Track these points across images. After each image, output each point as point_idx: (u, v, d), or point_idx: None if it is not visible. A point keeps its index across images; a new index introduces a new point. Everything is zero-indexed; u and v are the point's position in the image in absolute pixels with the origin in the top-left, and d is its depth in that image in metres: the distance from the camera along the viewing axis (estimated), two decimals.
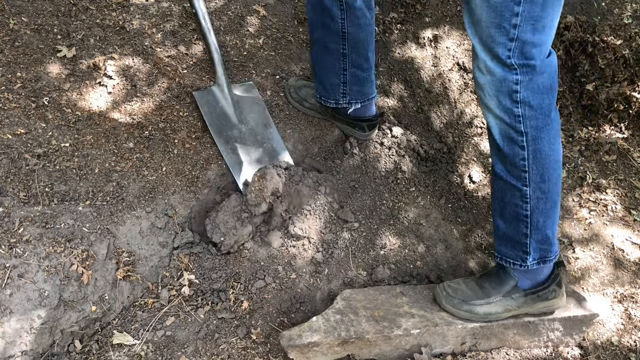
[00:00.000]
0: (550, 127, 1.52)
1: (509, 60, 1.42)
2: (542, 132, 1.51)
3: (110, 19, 2.00)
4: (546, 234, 1.62)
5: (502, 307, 1.69)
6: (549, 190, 1.58)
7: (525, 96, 1.47)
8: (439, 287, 1.72)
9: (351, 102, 1.96)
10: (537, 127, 1.50)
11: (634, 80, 2.51)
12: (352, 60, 1.86)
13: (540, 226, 1.60)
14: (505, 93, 1.48)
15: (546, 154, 1.53)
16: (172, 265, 1.70)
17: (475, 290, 1.70)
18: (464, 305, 1.67)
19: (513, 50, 1.41)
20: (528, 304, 1.71)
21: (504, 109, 1.50)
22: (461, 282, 1.74)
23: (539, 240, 1.62)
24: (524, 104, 1.48)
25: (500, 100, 1.50)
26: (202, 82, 1.98)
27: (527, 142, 1.52)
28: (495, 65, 1.45)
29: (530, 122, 1.50)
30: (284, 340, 1.51)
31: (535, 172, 1.55)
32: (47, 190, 1.60)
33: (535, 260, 1.64)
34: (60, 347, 1.49)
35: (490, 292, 1.69)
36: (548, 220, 1.61)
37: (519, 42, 1.40)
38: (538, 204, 1.58)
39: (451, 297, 1.68)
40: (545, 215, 1.60)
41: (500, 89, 1.48)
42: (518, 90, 1.46)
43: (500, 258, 1.69)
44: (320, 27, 1.82)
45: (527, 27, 1.38)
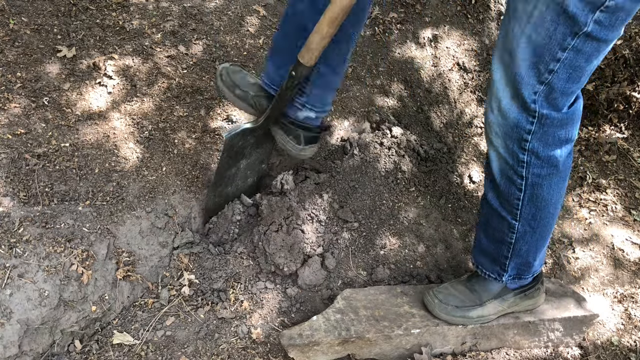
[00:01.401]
0: (554, 176, 1.45)
1: (532, 105, 1.32)
2: (544, 180, 1.45)
3: (110, 19, 2.00)
4: (527, 260, 1.61)
5: (494, 309, 1.69)
6: (539, 227, 1.54)
7: (535, 147, 1.38)
8: (429, 296, 1.68)
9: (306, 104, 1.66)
10: (540, 175, 1.44)
11: (634, 80, 2.51)
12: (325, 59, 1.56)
13: (523, 253, 1.58)
14: (515, 139, 1.39)
15: (544, 198, 1.48)
16: (172, 265, 1.70)
17: (466, 294, 1.68)
18: (458, 312, 1.65)
19: (539, 94, 1.31)
20: (516, 302, 1.72)
21: (509, 152, 1.43)
22: (449, 287, 1.70)
23: (518, 263, 1.61)
24: (532, 153, 1.39)
25: (507, 143, 1.41)
26: (202, 82, 1.97)
27: (526, 187, 1.45)
28: (511, 106, 1.35)
29: (534, 169, 1.42)
30: (284, 340, 1.51)
31: (527, 212, 1.50)
32: (47, 190, 1.60)
33: (510, 277, 1.64)
34: (60, 347, 1.49)
35: (482, 295, 1.68)
36: (532, 249, 1.58)
37: (548, 87, 1.29)
38: (524, 236, 1.55)
39: (444, 305, 1.65)
40: (529, 245, 1.57)
41: (510, 134, 1.39)
42: (528, 140, 1.37)
43: (476, 266, 1.69)
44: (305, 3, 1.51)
45: (563, 75, 1.27)
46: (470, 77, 2.55)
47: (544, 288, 1.77)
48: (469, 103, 2.52)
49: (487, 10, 2.68)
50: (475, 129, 2.46)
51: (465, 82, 2.54)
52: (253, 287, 1.71)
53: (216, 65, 1.96)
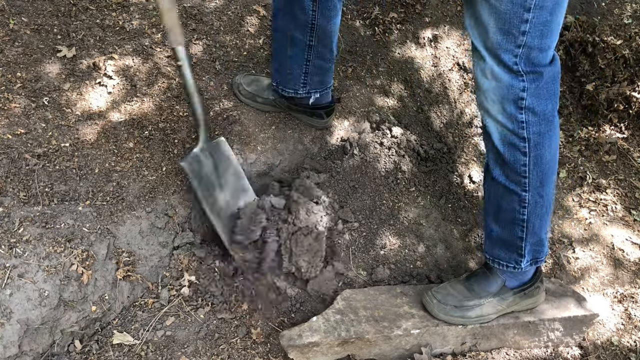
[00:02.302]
0: (552, 133, 1.51)
1: (516, 67, 1.39)
2: (544, 138, 1.49)
3: (110, 19, 2.00)
4: (540, 237, 1.63)
5: (493, 309, 1.69)
6: (547, 194, 1.57)
7: (530, 103, 1.44)
8: (428, 296, 1.68)
9: (310, 92, 1.89)
10: (540, 133, 1.48)
11: (634, 80, 2.51)
12: (317, 52, 1.79)
13: (536, 229, 1.61)
14: (511, 100, 1.44)
15: (546, 159, 1.52)
16: (172, 265, 1.70)
17: (464, 293, 1.68)
18: (457, 311, 1.66)
19: (520, 57, 1.37)
20: (516, 302, 1.72)
21: (507, 115, 1.47)
22: (448, 286, 1.71)
23: (533, 242, 1.63)
24: (529, 111, 1.45)
25: (504, 106, 1.46)
26: (202, 82, 1.97)
27: (529, 149, 1.49)
28: (501, 71, 1.41)
29: (533, 128, 1.47)
30: (284, 340, 1.51)
31: (535, 178, 1.53)
32: (47, 190, 1.60)
33: (528, 262, 1.65)
34: (60, 347, 1.49)
35: (481, 294, 1.68)
36: (543, 222, 1.61)
37: (526, 49, 1.36)
38: (535, 208, 1.57)
39: (443, 305, 1.66)
40: (540, 218, 1.60)
41: (506, 96, 1.44)
42: (524, 97, 1.43)
43: (492, 261, 1.68)
44: (287, 16, 1.73)
45: (536, 33, 1.34)
46: (470, 77, 2.55)
47: (543, 287, 1.77)
48: (469, 103, 2.52)
49: None
50: (475, 129, 2.46)
51: (465, 82, 2.54)
52: None
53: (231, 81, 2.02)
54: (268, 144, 1.95)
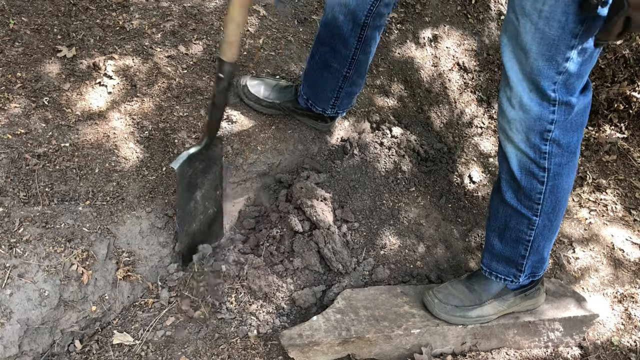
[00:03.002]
0: (572, 163, 1.50)
1: (553, 95, 1.35)
2: (564, 169, 1.48)
3: (110, 19, 2.00)
4: (543, 256, 1.64)
5: (493, 309, 1.69)
6: (556, 219, 1.57)
7: (557, 135, 1.41)
8: (429, 296, 1.68)
9: (338, 112, 1.93)
10: (561, 164, 1.47)
11: (634, 80, 2.51)
12: (351, 81, 1.83)
13: (540, 249, 1.61)
14: (537, 131, 1.41)
15: (563, 188, 1.51)
16: (172, 265, 1.70)
17: (465, 294, 1.68)
18: (457, 312, 1.66)
19: (558, 84, 1.34)
20: (516, 302, 1.72)
21: (531, 145, 1.44)
22: (449, 286, 1.71)
23: (535, 260, 1.64)
24: (554, 143, 1.43)
25: (528, 136, 1.43)
26: (202, 82, 1.97)
27: (548, 178, 1.48)
28: (532, 100, 1.37)
29: (555, 159, 1.45)
30: (284, 340, 1.51)
31: (548, 205, 1.52)
32: (47, 190, 1.60)
33: (526, 277, 1.67)
34: (60, 347, 1.49)
35: (482, 295, 1.69)
36: (548, 243, 1.62)
37: (566, 75, 1.32)
38: (543, 231, 1.57)
39: (444, 305, 1.66)
40: (546, 239, 1.60)
41: (532, 127, 1.41)
42: (551, 130, 1.40)
43: (489, 273, 1.68)
44: (328, 47, 1.74)
45: (579, 60, 1.31)
46: (470, 77, 2.55)
47: (544, 288, 1.77)
48: (469, 103, 2.52)
49: (487, 10, 2.68)
50: (475, 129, 2.46)
51: (465, 82, 2.54)
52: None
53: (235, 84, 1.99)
54: (268, 144, 1.95)
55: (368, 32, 1.67)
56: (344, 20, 1.65)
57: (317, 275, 1.78)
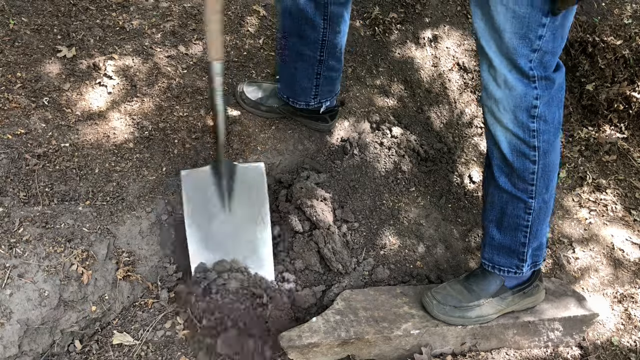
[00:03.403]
0: (557, 140, 1.52)
1: (531, 72, 1.38)
2: (551, 146, 1.50)
3: (110, 19, 2.00)
4: (541, 241, 1.65)
5: (492, 309, 1.69)
6: (550, 199, 1.59)
7: (542, 111, 1.44)
8: (427, 297, 1.68)
9: (321, 101, 1.92)
10: (549, 141, 1.49)
11: (634, 80, 2.51)
12: (327, 65, 1.82)
13: (539, 234, 1.62)
14: (524, 108, 1.43)
15: (553, 164, 1.54)
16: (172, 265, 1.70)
17: (463, 294, 1.68)
18: (456, 312, 1.65)
19: (534, 61, 1.37)
20: (515, 301, 1.72)
21: (519, 124, 1.46)
22: (447, 287, 1.70)
23: (535, 247, 1.64)
24: (540, 119, 1.45)
25: (516, 115, 1.45)
26: (202, 82, 1.97)
27: (539, 157, 1.49)
28: (515, 78, 1.40)
29: (544, 136, 1.47)
30: (283, 341, 1.51)
31: (542, 185, 1.54)
32: (47, 190, 1.60)
33: (529, 267, 1.66)
34: (60, 347, 1.49)
35: (480, 295, 1.68)
36: (544, 226, 1.63)
37: (540, 53, 1.36)
38: (539, 214, 1.58)
39: (442, 305, 1.65)
40: (543, 222, 1.61)
41: (519, 104, 1.43)
42: (537, 106, 1.43)
43: (491, 267, 1.68)
44: (296, 35, 1.74)
45: (550, 37, 1.35)
46: (470, 77, 2.55)
47: (543, 285, 1.77)
48: (469, 103, 2.52)
49: None
50: (475, 129, 2.46)
51: (465, 82, 2.53)
52: None
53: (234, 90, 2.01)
54: (268, 144, 1.95)
55: (332, 9, 1.68)
56: (305, 2, 1.65)
57: (317, 275, 1.78)
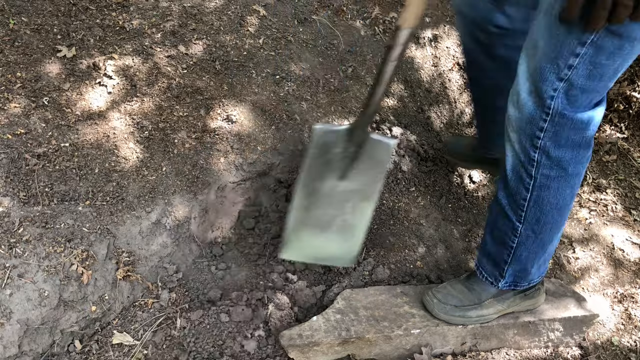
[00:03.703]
0: (562, 179, 1.43)
1: (549, 101, 1.29)
2: (552, 182, 1.43)
3: (110, 19, 2.00)
4: (525, 267, 1.60)
5: (493, 309, 1.68)
6: (542, 233, 1.52)
7: (546, 145, 1.36)
8: (428, 296, 1.68)
9: None
10: (549, 177, 1.42)
11: (634, 80, 2.51)
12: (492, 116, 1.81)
13: (522, 260, 1.58)
14: (528, 134, 1.37)
15: (549, 202, 1.46)
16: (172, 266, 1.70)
17: (465, 293, 1.68)
18: (457, 311, 1.65)
19: (558, 91, 1.27)
20: (516, 303, 1.71)
21: (522, 148, 1.41)
22: (448, 286, 1.70)
23: (517, 270, 1.61)
24: (543, 152, 1.38)
25: (521, 138, 1.40)
26: (202, 82, 1.97)
27: (533, 187, 1.44)
28: (527, 100, 1.33)
29: (543, 170, 1.40)
30: (284, 340, 1.51)
31: (532, 215, 1.49)
32: (47, 190, 1.60)
33: (507, 284, 1.64)
34: (60, 347, 1.49)
35: (481, 295, 1.67)
36: (531, 256, 1.58)
37: (567, 84, 1.26)
38: (526, 241, 1.54)
39: (443, 305, 1.65)
40: (529, 251, 1.56)
41: (524, 129, 1.38)
42: (540, 137, 1.35)
43: (477, 267, 1.69)
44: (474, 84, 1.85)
45: (583, 72, 1.23)
46: None
47: (544, 288, 1.77)
48: (469, 103, 2.52)
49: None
50: (475, 129, 2.46)
51: (465, 82, 2.54)
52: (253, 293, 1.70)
53: None
54: (268, 144, 1.95)
55: (497, 51, 1.60)
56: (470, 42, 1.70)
57: (317, 275, 1.78)
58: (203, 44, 2.07)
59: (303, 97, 2.10)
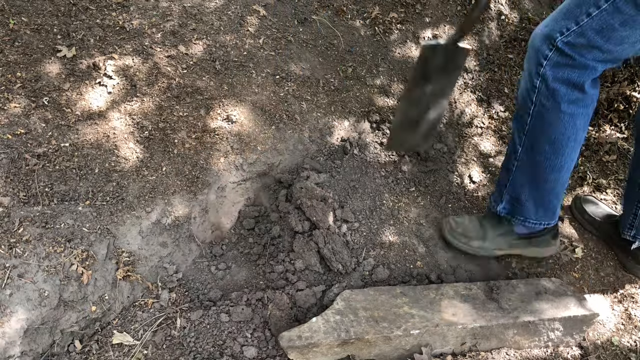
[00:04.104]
0: (555, 112, 1.59)
1: (558, 35, 1.47)
2: (546, 112, 1.59)
3: (110, 19, 2.00)
4: (519, 196, 1.79)
5: (494, 245, 1.91)
6: (535, 162, 1.69)
7: (546, 74, 1.54)
8: (445, 221, 1.96)
9: (636, 237, 2.01)
10: (545, 105, 1.58)
11: (634, 80, 2.51)
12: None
13: (517, 185, 1.77)
14: (534, 62, 1.56)
15: (542, 132, 1.63)
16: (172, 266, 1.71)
17: (475, 227, 1.92)
18: (462, 238, 1.91)
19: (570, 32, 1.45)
20: (520, 246, 1.91)
21: (529, 74, 1.60)
22: (466, 217, 1.97)
23: (512, 196, 1.81)
24: (542, 80, 1.56)
25: (530, 64, 1.59)
26: (202, 82, 1.97)
27: (533, 112, 1.62)
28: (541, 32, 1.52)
29: (541, 97, 1.58)
30: (283, 341, 1.51)
31: (528, 141, 1.67)
32: (47, 190, 1.60)
33: (505, 210, 1.85)
34: (60, 347, 1.49)
35: (487, 232, 1.90)
36: (525, 185, 1.75)
37: (579, 29, 1.44)
38: (522, 166, 1.72)
39: (453, 230, 1.92)
40: (523, 179, 1.75)
41: (532, 56, 1.57)
42: (543, 65, 1.54)
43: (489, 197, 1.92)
44: None
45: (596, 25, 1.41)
46: (470, 77, 2.55)
47: (556, 242, 1.94)
48: (469, 103, 2.52)
49: (487, 10, 2.68)
50: (475, 129, 2.46)
51: (465, 82, 2.53)
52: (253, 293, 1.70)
53: None
54: (268, 144, 1.95)
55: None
56: None
57: (317, 275, 1.78)
58: (203, 44, 2.07)
59: (303, 97, 2.10)
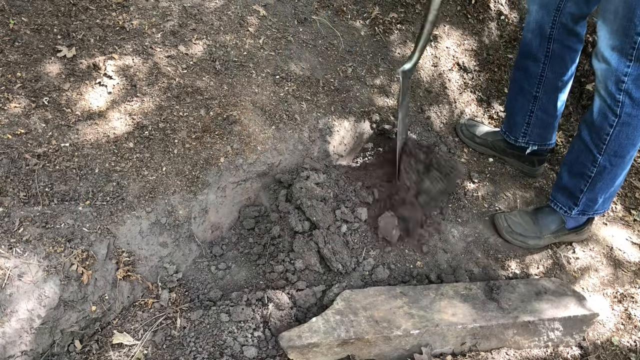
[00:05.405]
0: None
1: (631, 51, 1.61)
2: (632, 120, 1.74)
3: (110, 19, 2.00)
4: (596, 196, 1.96)
5: (547, 241, 2.09)
6: (616, 165, 1.86)
7: (629, 87, 1.69)
8: (500, 218, 2.10)
9: (529, 142, 2.22)
10: (631, 115, 1.73)
11: None
12: (541, 104, 2.07)
13: (596, 190, 1.93)
14: (613, 81, 1.70)
15: (628, 137, 1.78)
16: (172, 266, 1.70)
17: (530, 225, 2.08)
18: (519, 237, 2.07)
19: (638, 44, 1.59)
20: (565, 237, 2.11)
21: (608, 93, 1.74)
22: (518, 215, 2.11)
23: (589, 198, 1.96)
24: (626, 94, 1.70)
25: (607, 85, 1.73)
26: (202, 82, 1.97)
27: (617, 124, 1.76)
28: (611, 54, 1.67)
29: (626, 109, 1.73)
30: (283, 341, 1.51)
31: (612, 147, 1.81)
32: (47, 190, 1.60)
33: (578, 213, 2.02)
34: (60, 347, 1.49)
35: (543, 229, 2.07)
36: (603, 186, 1.92)
37: None
38: (603, 172, 1.88)
39: (511, 230, 2.08)
40: (603, 182, 1.90)
41: (610, 77, 1.71)
42: (625, 81, 1.68)
43: (552, 202, 2.06)
44: (522, 70, 2.07)
45: None
46: (470, 77, 2.55)
47: (591, 225, 2.14)
48: (469, 103, 2.52)
49: (487, 10, 2.68)
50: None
51: (465, 82, 2.54)
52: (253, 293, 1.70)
53: (456, 123, 2.42)
54: (268, 144, 1.95)
55: (554, 47, 1.96)
56: (532, 37, 1.98)
57: (317, 275, 1.78)
58: (203, 44, 2.07)
59: (303, 97, 2.10)
